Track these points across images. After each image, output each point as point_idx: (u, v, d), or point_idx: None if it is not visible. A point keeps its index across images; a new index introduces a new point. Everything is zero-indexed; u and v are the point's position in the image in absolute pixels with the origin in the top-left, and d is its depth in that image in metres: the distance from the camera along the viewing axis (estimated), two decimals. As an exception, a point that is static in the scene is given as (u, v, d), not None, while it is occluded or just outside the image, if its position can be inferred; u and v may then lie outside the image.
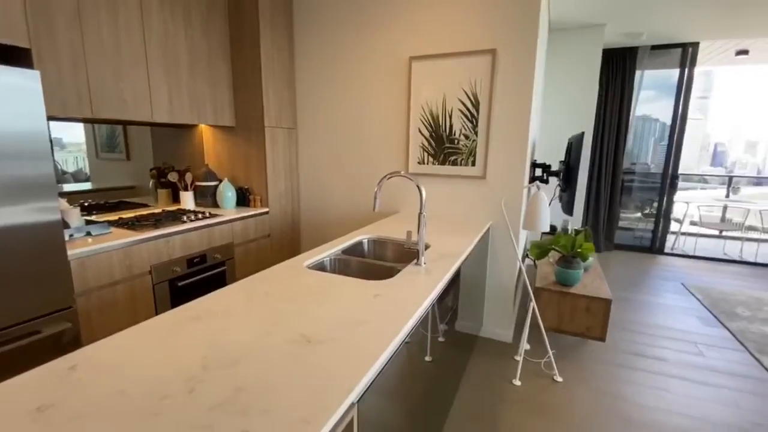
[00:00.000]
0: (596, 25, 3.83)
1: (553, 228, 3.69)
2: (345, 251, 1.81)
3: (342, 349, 0.89)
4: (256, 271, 2.28)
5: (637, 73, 4.56)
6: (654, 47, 4.49)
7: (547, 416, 1.91)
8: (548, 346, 2.30)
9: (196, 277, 2.28)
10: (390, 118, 2.72)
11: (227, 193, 2.72)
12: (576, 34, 3.94)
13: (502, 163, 2.43)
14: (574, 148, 2.81)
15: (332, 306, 1.13)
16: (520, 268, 2.57)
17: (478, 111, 2.45)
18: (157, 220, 2.24)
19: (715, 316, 3.06)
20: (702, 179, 9.05)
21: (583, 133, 2.70)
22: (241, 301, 1.15)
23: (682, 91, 4.51)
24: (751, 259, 4.72)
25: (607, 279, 3.93)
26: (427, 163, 2.65)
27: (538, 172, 3.15)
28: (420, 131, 2.63)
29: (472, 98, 2.45)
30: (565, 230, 3.53)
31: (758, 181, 9.29)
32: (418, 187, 1.49)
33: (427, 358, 2.04)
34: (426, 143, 2.63)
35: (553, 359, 2.30)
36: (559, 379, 2.20)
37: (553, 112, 4.14)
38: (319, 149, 3.01)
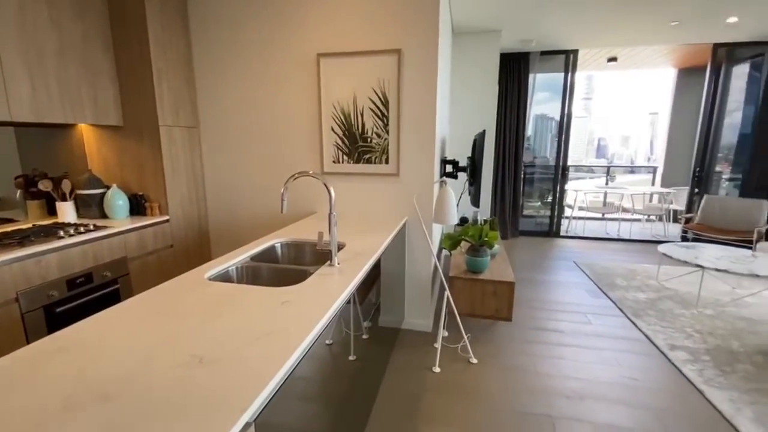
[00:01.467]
0: (493, 30, 4.15)
1: (465, 219, 3.93)
2: (255, 258, 1.72)
3: (239, 366, 0.83)
4: (157, 287, 2.06)
5: (531, 76, 5.07)
6: (543, 53, 5.03)
7: (465, 397, 2.03)
8: (463, 331, 2.45)
9: (81, 300, 1.98)
10: (302, 117, 2.64)
11: (117, 201, 2.41)
12: (477, 39, 4.24)
13: (413, 161, 2.52)
14: (477, 145, 3.01)
15: (233, 319, 1.06)
16: (435, 260, 2.69)
17: (388, 110, 2.49)
18: (23, 237, 1.89)
19: (600, 288, 3.54)
20: (590, 170, 10.40)
21: (484, 131, 2.91)
22: (123, 324, 1.02)
23: (567, 92, 5.12)
24: (627, 237, 5.57)
25: (512, 263, 4.32)
26: (342, 162, 2.63)
27: (449, 168, 3.33)
28: (333, 130, 2.60)
29: (381, 97, 2.49)
30: (475, 221, 3.79)
31: (631, 169, 10.96)
32: (326, 186, 1.46)
33: (351, 357, 2.04)
34: (340, 142, 2.61)
35: (468, 343, 2.46)
36: (474, 360, 2.35)
37: (461, 111, 4.41)
38: (227, 150, 2.81)
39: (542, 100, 5.63)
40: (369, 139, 2.56)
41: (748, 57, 4.82)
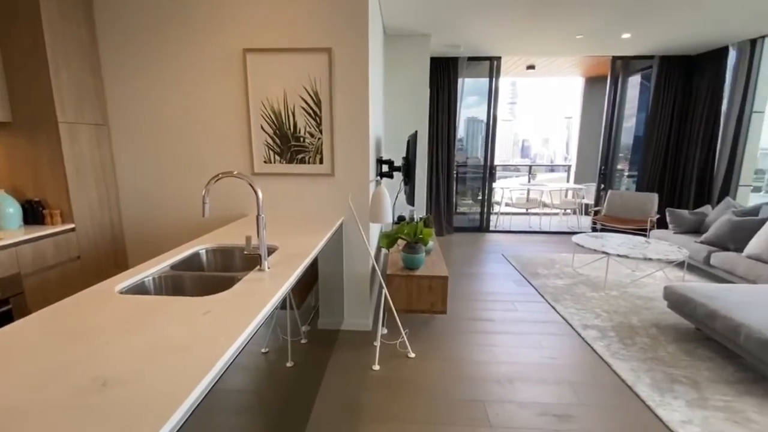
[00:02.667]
0: (423, 34, 4.30)
1: (402, 218, 4.02)
2: (176, 266, 1.59)
3: (151, 386, 0.76)
4: (59, 305, 1.81)
5: (459, 80, 5.33)
6: (470, 58, 5.32)
7: (403, 391, 2.07)
8: (401, 327, 2.51)
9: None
10: (229, 115, 2.50)
11: (6, 209, 2.09)
12: (408, 41, 4.35)
13: (348, 161, 2.51)
14: (411, 145, 3.10)
15: (145, 335, 0.96)
16: (373, 259, 2.71)
17: (320, 109, 2.46)
18: None
19: (525, 278, 3.84)
20: (515, 169, 11.22)
21: (416, 132, 3.00)
22: (11, 349, 0.88)
23: (492, 96, 5.47)
24: (547, 229, 6.10)
25: (447, 258, 4.51)
26: (275, 162, 2.55)
27: (385, 168, 3.38)
28: (263, 128, 2.50)
29: (313, 96, 2.45)
30: (411, 219, 3.88)
31: (551, 168, 12.03)
32: (252, 186, 1.40)
33: (289, 364, 1.98)
34: (271, 141, 2.52)
35: (406, 338, 2.52)
36: (412, 355, 2.41)
37: (395, 112, 4.50)
38: (143, 149, 2.57)
39: (472, 103, 5.95)
40: (302, 139, 2.50)
41: (640, 69, 5.54)
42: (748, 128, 4.41)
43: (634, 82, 5.75)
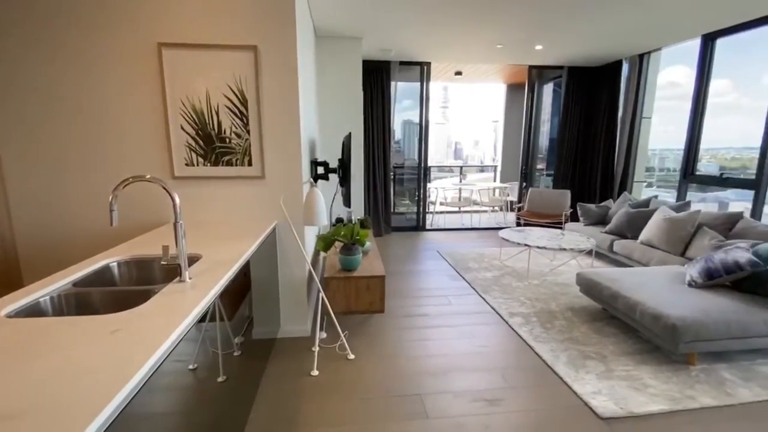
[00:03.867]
0: (355, 37, 4.32)
1: (340, 220, 4.00)
2: (79, 283, 1.41)
3: (45, 418, 0.67)
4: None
5: (392, 83, 5.45)
6: (402, 63, 5.46)
7: (342, 393, 2.06)
8: (339, 330, 2.49)
9: None
10: (143, 114, 2.29)
11: None
12: (340, 44, 4.35)
13: (280, 162, 2.44)
14: (346, 147, 3.10)
15: (40, 361, 0.85)
16: (308, 263, 2.66)
17: (247, 109, 2.36)
18: None
19: (458, 272, 4.03)
20: (450, 170, 11.74)
21: (350, 133, 3.01)
22: None
23: (424, 100, 5.67)
24: (478, 226, 6.47)
25: (386, 258, 4.58)
26: (198, 165, 2.38)
27: (321, 170, 3.33)
28: (183, 128, 2.33)
29: (239, 95, 2.34)
30: (349, 221, 3.88)
31: (481, 169, 12.77)
32: (167, 190, 1.30)
33: (221, 379, 1.86)
34: (193, 142, 2.36)
35: (345, 340, 2.51)
36: (352, 356, 2.41)
37: (329, 114, 4.46)
38: (36, 152, 2.25)
39: (408, 106, 6.09)
40: (228, 140, 2.37)
41: (553, 78, 6.13)
42: (639, 132, 5.09)
43: (549, 89, 6.35)
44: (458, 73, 6.54)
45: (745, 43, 3.81)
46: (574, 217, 5.23)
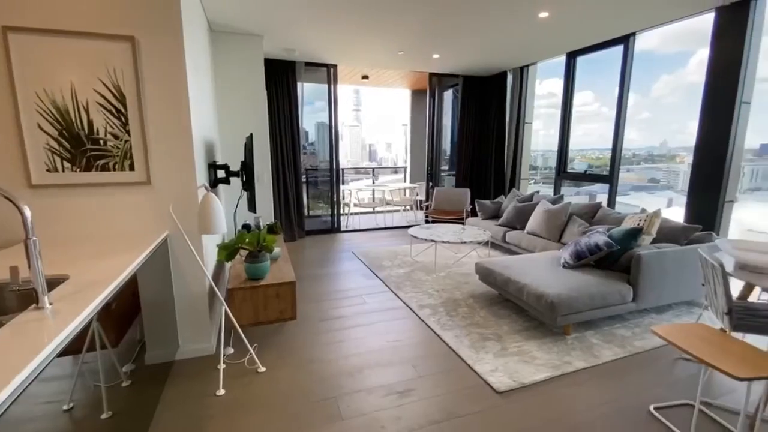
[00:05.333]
0: (255, 35, 4.13)
1: (248, 226, 3.78)
2: None
3: None
4: None
5: (299, 84, 5.34)
6: (308, 64, 5.38)
7: (254, 409, 1.95)
8: (247, 343, 2.36)
9: None
10: (-19, 110, 1.88)
11: None
12: (239, 40, 4.11)
13: (168, 166, 2.21)
14: (248, 149, 2.94)
15: None
16: (208, 275, 2.47)
17: (125, 106, 2.09)
18: None
19: (372, 271, 4.12)
20: (365, 171, 11.89)
21: (251, 134, 2.87)
22: None
23: (332, 102, 5.66)
24: (390, 225, 6.69)
25: (300, 262, 4.48)
26: (64, 171, 2.04)
27: (221, 173, 3.11)
28: (42, 128, 1.98)
29: (115, 91, 2.06)
30: (257, 227, 3.70)
31: (395, 170, 13.20)
32: (12, 201, 1.08)
33: (105, 415, 1.62)
34: (56, 145, 2.01)
35: (254, 353, 2.38)
36: (262, 369, 2.30)
37: (231, 114, 4.19)
38: None
39: (321, 108, 5.99)
40: (102, 141, 2.08)
41: (451, 85, 6.62)
42: (523, 135, 5.77)
43: (447, 96, 6.84)
44: (365, 77, 6.68)
45: (600, 61, 4.57)
46: (474, 213, 5.72)
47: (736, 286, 2.27)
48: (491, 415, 1.92)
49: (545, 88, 6.01)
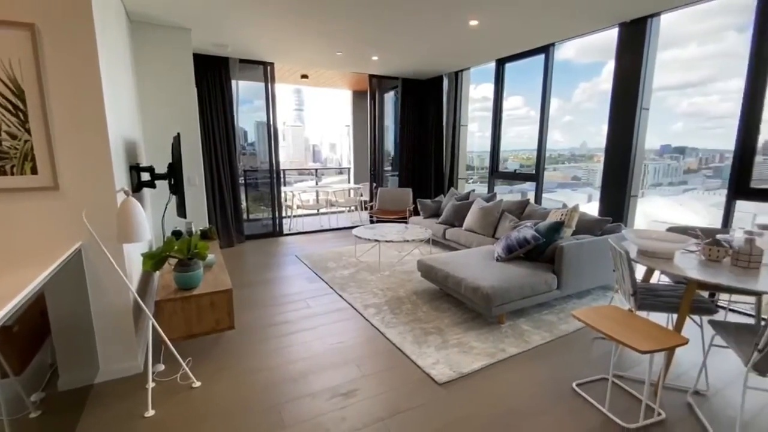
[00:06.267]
0: (182, 28, 3.87)
1: (178, 233, 3.53)
2: None
3: None
4: None
5: (233, 82, 5.09)
6: (242, 60, 5.16)
7: (188, 426, 1.83)
8: (179, 358, 2.20)
9: None
10: None
11: None
12: (164, 33, 3.83)
13: (81, 169, 1.99)
14: (175, 150, 2.76)
15: None
16: (131, 288, 2.27)
17: (24, 102, 1.85)
18: None
19: (316, 274, 4.06)
20: (310, 172, 11.65)
21: (179, 134, 2.68)
22: None
23: (270, 101, 5.49)
24: (336, 226, 6.63)
25: (239, 268, 4.28)
26: (-56, 176, 1.76)
27: (146, 176, 2.88)
28: None
29: (11, 85, 1.82)
30: (189, 233, 3.47)
31: (340, 171, 13.10)
32: None
33: (6, 455, 1.42)
34: (-68, 145, 1.72)
35: (187, 368, 2.23)
36: (197, 384, 2.16)
37: (157, 112, 3.88)
38: None
39: (260, 107, 5.73)
40: (-5, 142, 1.82)
41: (391, 87, 6.73)
42: (459, 137, 6.05)
43: (389, 97, 6.94)
44: (304, 77, 6.55)
45: (527, 68, 4.93)
46: (417, 212, 5.88)
47: (640, 271, 2.58)
48: (433, 406, 1.99)
49: (480, 92, 6.34)
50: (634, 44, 3.58)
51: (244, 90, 5.49)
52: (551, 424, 1.86)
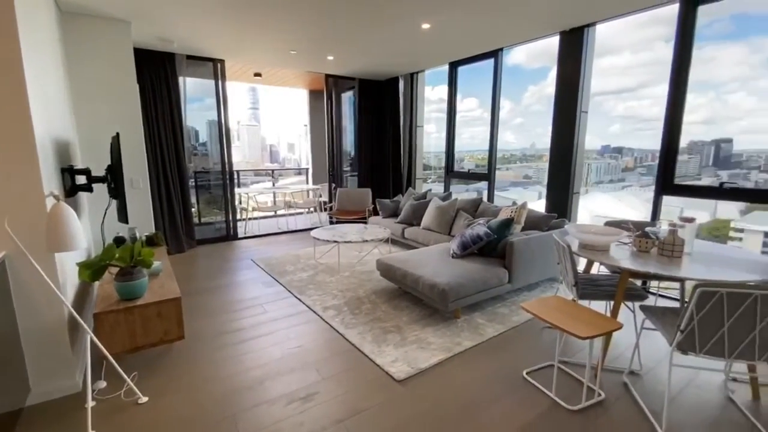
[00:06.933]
0: (120, 20, 3.62)
1: (121, 240, 3.31)
2: None
3: None
4: None
5: (180, 79, 4.84)
6: (190, 57, 4.91)
7: (132, 447, 1.72)
8: (123, 373, 2.06)
9: None
10: None
11: None
12: (100, 25, 3.56)
13: (1, 172, 1.81)
14: (114, 151, 2.58)
15: None
16: (64, 301, 2.10)
17: (-71, 98, 1.65)
18: None
19: (273, 278, 3.96)
20: (267, 173, 11.32)
21: (118, 134, 2.51)
22: None
23: (221, 100, 5.27)
24: (294, 228, 6.51)
25: (192, 275, 4.08)
26: None
27: (82, 179, 2.67)
28: None
29: None
30: (133, 239, 3.27)
31: (298, 171, 12.82)
32: None
33: None
34: None
35: (132, 383, 2.10)
36: (144, 399, 2.04)
37: (94, 111, 3.60)
38: None
39: (211, 105, 5.45)
40: None
41: (349, 87, 6.70)
42: (416, 138, 6.15)
43: (346, 97, 6.92)
44: (258, 75, 6.36)
45: (480, 71, 5.11)
46: (376, 212, 5.91)
47: (584, 262, 2.77)
48: (391, 404, 2.01)
49: (438, 94, 6.46)
50: (573, 51, 3.83)
51: (194, 87, 5.24)
52: (503, 412, 1.95)
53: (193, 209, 5.53)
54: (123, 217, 2.64)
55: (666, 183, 3.35)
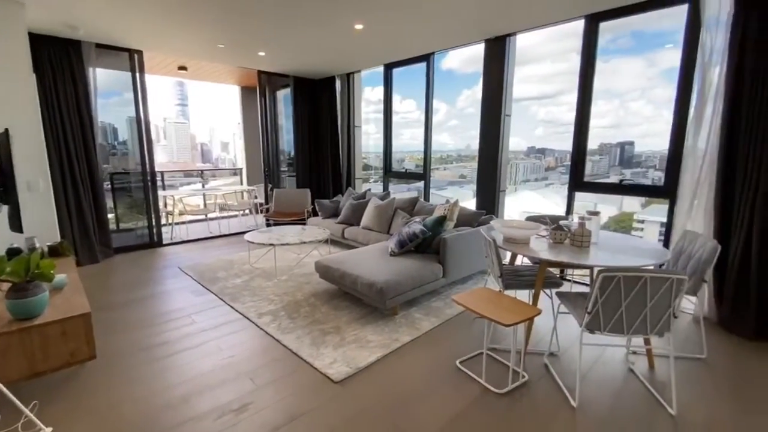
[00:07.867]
0: (12, 1, 3.15)
1: (17, 251, 2.88)
2: None
3: None
4: None
5: (90, 69, 4.34)
6: (100, 45, 4.42)
7: (30, 487, 1.51)
8: (19, 404, 1.80)
9: None
10: None
11: None
12: (-19, 3, 3.07)
13: None
14: (3, 149, 2.24)
15: None
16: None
17: None
18: None
19: (203, 286, 3.71)
20: (198, 174, 10.55)
21: (7, 130, 2.19)
22: None
23: (139, 94, 4.82)
24: (227, 232, 6.17)
25: (108, 287, 3.69)
26: None
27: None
28: None
29: None
30: (31, 249, 2.88)
31: (234, 172, 12.15)
32: None
33: None
34: None
35: (30, 413, 1.84)
36: (47, 430, 1.80)
37: (-26, 102, 3.09)
38: None
39: (129, 101, 4.92)
40: None
41: (283, 85, 6.50)
42: (354, 138, 6.16)
43: (281, 95, 6.70)
44: (182, 68, 5.93)
45: (416, 74, 5.24)
46: (315, 213, 5.81)
47: (508, 255, 2.98)
48: (329, 406, 2.00)
49: (377, 94, 6.51)
50: (497, 58, 4.10)
51: (109, 80, 4.74)
52: (439, 402, 2.03)
53: (110, 215, 5.00)
54: (15, 224, 2.30)
55: (577, 181, 3.72)
